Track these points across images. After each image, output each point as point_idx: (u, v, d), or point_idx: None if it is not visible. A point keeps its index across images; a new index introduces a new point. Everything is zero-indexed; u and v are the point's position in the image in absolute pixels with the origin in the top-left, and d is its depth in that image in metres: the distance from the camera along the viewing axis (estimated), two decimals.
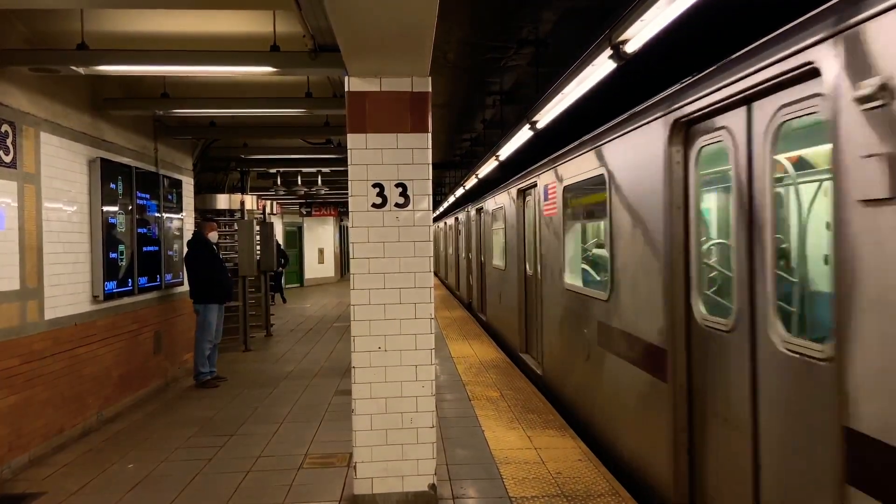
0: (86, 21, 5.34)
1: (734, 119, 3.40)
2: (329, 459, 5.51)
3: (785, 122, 2.99)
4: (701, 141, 3.80)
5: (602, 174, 5.50)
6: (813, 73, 2.69)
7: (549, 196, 7.51)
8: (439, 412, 6.76)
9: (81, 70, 5.48)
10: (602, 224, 6.11)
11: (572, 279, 6.80)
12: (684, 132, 3.97)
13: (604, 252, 5.84)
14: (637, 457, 4.82)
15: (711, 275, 4.06)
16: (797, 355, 2.90)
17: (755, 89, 3.09)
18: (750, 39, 3.22)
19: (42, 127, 5.82)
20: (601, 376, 5.65)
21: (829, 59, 2.54)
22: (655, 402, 4.34)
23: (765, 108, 3.11)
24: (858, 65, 2.38)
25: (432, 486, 4.36)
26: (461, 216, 18.50)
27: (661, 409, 4.23)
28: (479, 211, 14.56)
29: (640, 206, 4.64)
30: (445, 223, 24.92)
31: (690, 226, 3.96)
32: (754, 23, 4.39)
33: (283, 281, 20.50)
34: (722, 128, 3.52)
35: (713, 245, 4.11)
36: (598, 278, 6.69)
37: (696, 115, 3.71)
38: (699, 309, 3.91)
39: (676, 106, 3.93)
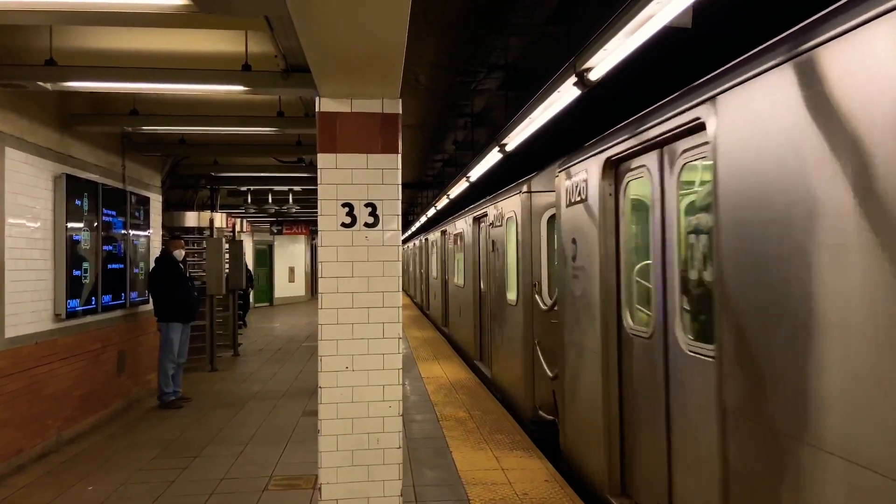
0: (54, 37, 5.30)
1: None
2: (294, 481, 5.46)
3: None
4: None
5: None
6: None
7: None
8: (408, 433, 6.74)
9: (49, 86, 5.43)
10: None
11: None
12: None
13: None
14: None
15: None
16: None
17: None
18: (702, 67, 3.39)
19: (7, 142, 5.75)
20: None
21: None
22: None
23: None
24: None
25: None
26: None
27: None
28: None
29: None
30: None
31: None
32: (707, 52, 4.60)
33: (250, 300, 20.16)
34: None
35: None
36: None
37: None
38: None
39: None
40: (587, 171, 4.97)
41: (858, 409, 2.19)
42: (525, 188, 7.50)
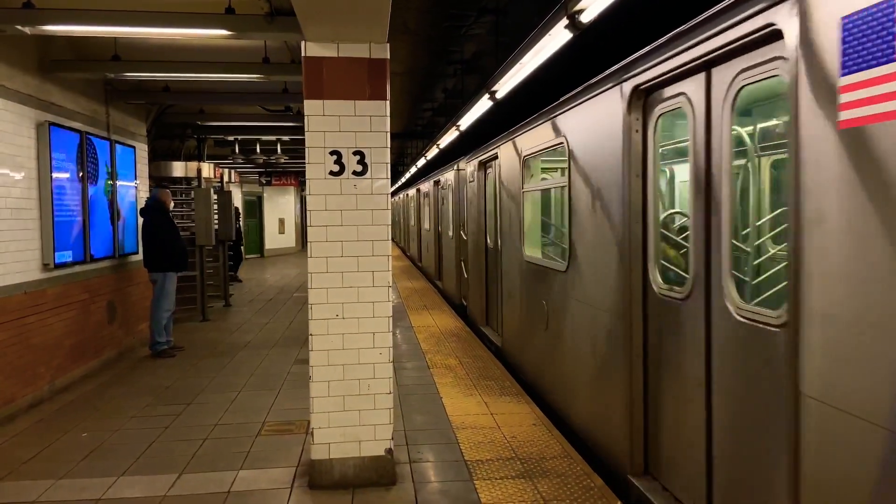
0: None
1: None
2: (287, 427, 5.55)
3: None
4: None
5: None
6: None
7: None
8: (399, 380, 6.83)
9: (27, 30, 5.29)
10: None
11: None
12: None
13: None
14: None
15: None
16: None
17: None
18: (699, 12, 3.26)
19: None
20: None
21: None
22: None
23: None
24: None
25: (389, 451, 4.42)
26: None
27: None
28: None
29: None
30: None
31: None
32: None
33: (242, 253, 19.93)
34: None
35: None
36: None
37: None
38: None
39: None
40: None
41: None
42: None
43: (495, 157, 8.36)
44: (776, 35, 2.67)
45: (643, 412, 4.13)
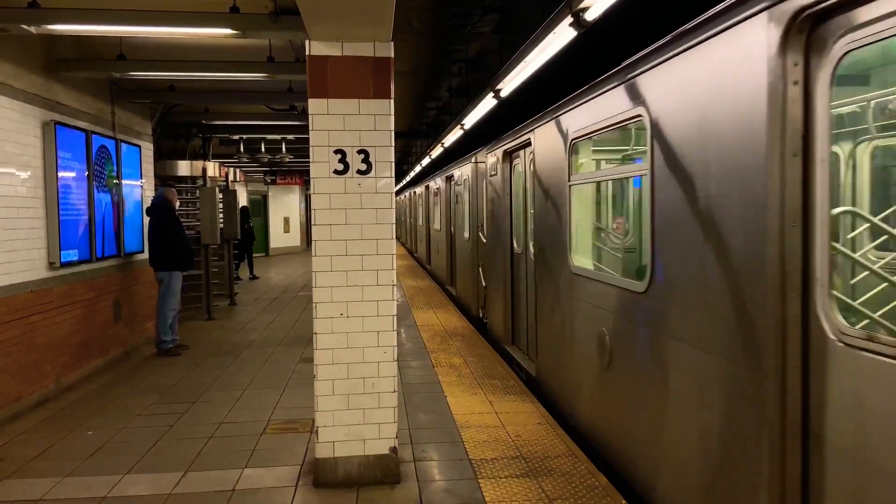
0: None
1: None
2: (292, 425, 5.55)
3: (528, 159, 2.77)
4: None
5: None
6: (529, 143, 2.67)
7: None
8: (404, 379, 6.84)
9: (33, 29, 5.31)
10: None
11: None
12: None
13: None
14: None
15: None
16: None
17: (518, 144, 2.89)
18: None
19: None
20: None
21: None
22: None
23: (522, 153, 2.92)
24: None
25: (393, 450, 4.43)
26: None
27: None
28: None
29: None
30: (415, 191, 24.22)
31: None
32: None
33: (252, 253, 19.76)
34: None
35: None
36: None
37: (510, 149, 3.60)
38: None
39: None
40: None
41: None
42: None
43: (527, 144, 6.79)
44: None
45: None
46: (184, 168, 11.56)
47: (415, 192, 22.97)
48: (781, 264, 2.63)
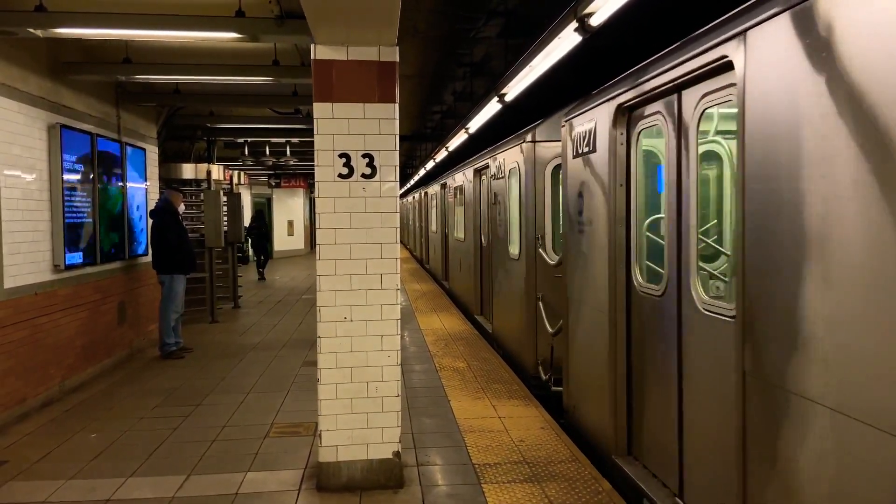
0: None
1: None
2: (295, 428, 5.55)
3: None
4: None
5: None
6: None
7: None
8: (407, 383, 6.83)
9: (39, 33, 5.33)
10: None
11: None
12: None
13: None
14: None
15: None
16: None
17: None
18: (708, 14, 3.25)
19: None
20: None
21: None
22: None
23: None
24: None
25: (397, 454, 4.42)
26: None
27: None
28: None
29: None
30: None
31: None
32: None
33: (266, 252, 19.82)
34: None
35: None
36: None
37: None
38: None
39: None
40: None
41: None
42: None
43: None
44: None
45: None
46: (188, 171, 11.60)
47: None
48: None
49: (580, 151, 5.03)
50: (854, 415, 2.19)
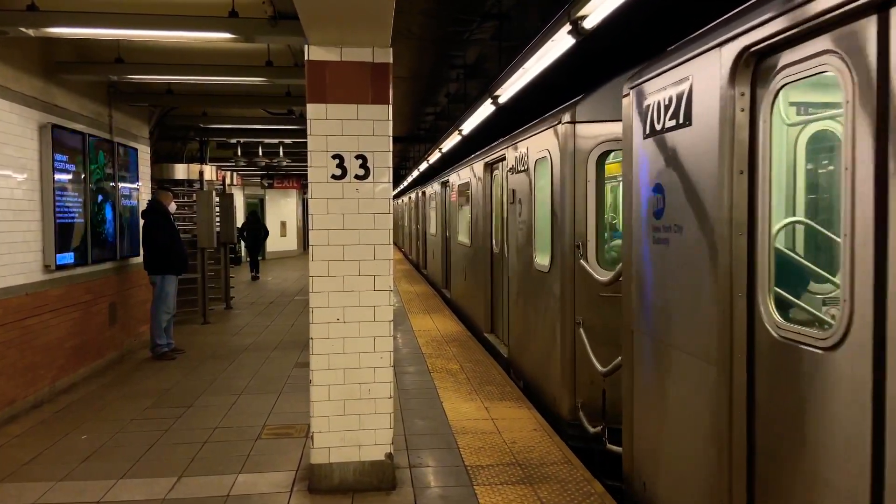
0: None
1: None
2: (287, 430, 5.54)
3: None
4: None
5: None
6: None
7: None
8: (400, 385, 6.83)
9: (31, 32, 5.29)
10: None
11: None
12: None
13: None
14: None
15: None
16: None
17: None
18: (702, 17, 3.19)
19: None
20: None
21: None
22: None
23: None
24: None
25: (389, 456, 4.41)
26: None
27: None
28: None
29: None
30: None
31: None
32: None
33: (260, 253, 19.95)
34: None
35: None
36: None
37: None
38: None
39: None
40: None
41: None
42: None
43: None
44: None
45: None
46: (181, 171, 11.56)
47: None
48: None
49: (659, 127, 3.53)
50: None
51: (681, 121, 3.28)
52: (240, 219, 18.84)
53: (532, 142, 6.60)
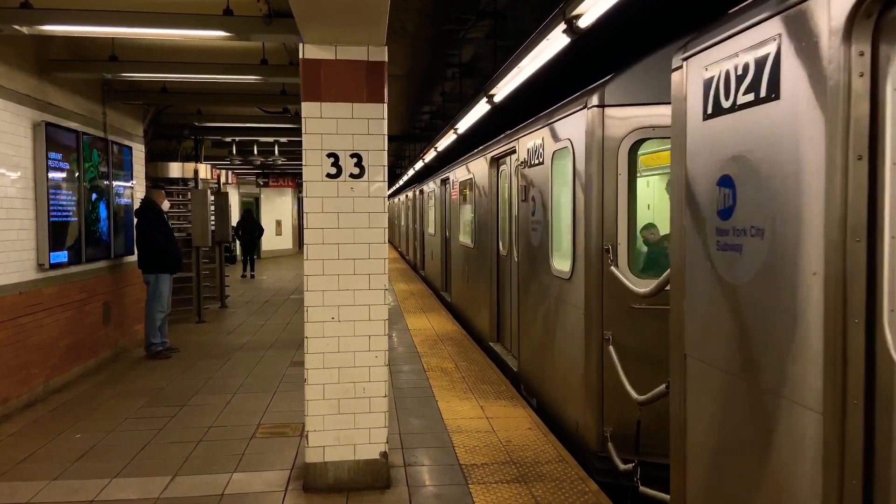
0: None
1: None
2: (282, 429, 5.53)
3: None
4: None
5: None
6: None
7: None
8: (395, 383, 6.83)
9: (25, 30, 5.27)
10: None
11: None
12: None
13: None
14: None
15: None
16: None
17: None
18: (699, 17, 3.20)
19: None
20: None
21: None
22: None
23: None
24: None
25: (384, 455, 4.41)
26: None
27: None
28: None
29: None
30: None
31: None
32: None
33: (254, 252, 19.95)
34: None
35: None
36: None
37: None
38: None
39: None
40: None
41: None
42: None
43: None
44: None
45: None
46: (175, 170, 11.52)
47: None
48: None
49: (728, 105, 2.71)
50: None
51: (762, 94, 2.49)
52: (235, 217, 18.80)
53: (549, 131, 5.82)
